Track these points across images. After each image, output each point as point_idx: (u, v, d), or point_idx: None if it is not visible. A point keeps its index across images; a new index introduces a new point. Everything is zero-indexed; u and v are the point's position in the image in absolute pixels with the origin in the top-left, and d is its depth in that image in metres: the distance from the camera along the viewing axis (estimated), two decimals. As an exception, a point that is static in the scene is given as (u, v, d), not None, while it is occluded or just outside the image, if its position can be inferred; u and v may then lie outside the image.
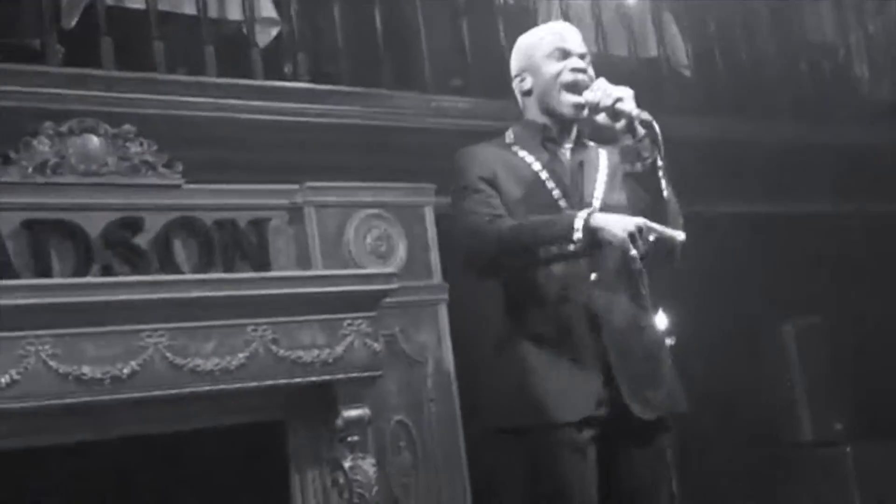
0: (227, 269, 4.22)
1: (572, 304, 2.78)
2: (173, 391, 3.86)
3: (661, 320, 4.78)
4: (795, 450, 5.61)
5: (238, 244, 4.29)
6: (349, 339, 4.21)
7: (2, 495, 3.69)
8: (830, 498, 5.43)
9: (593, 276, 2.78)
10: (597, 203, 2.85)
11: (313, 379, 4.14)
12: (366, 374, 4.24)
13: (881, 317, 6.00)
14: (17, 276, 3.79)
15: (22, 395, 3.56)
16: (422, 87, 5.06)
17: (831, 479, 5.45)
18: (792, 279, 5.90)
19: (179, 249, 4.18)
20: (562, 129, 2.95)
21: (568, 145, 2.95)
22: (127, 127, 4.12)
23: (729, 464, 5.36)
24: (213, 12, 4.68)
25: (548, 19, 5.62)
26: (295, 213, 4.45)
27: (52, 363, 3.61)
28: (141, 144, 4.15)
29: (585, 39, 5.62)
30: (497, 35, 5.29)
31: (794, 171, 6.08)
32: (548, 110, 2.93)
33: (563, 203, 2.82)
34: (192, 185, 4.24)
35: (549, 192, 2.85)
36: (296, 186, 4.45)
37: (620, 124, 2.79)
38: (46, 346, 3.61)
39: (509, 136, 2.97)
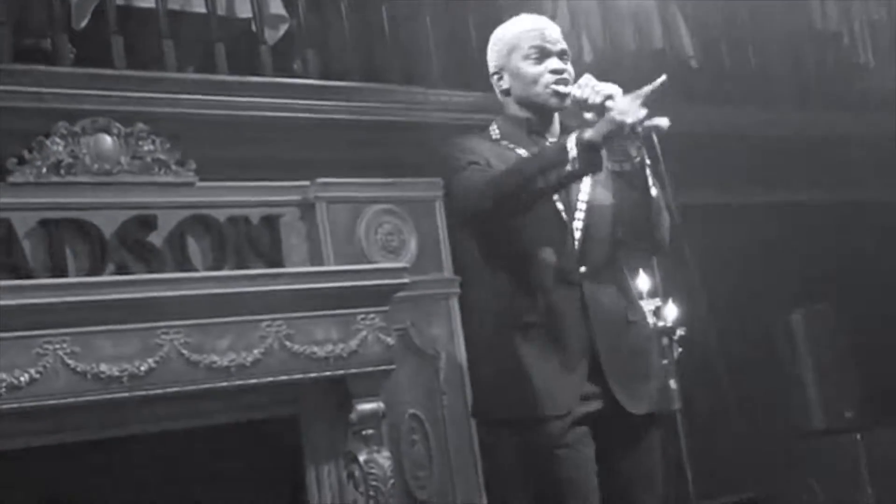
0: (241, 266, 4.25)
1: (562, 295, 2.74)
2: (189, 388, 3.89)
3: (670, 311, 4.83)
4: (806, 438, 5.63)
5: (251, 241, 4.32)
6: (362, 333, 4.24)
7: (22, 493, 3.72)
8: (842, 486, 5.45)
9: (582, 268, 2.77)
10: (583, 201, 2.82)
11: (327, 374, 4.17)
12: (379, 368, 4.28)
13: (890, 304, 6.02)
14: (33, 276, 3.83)
15: (40, 394, 3.59)
16: (430, 82, 5.08)
17: (842, 467, 5.47)
18: (800, 268, 5.92)
19: (193, 247, 4.21)
20: (544, 121, 2.89)
21: (552, 138, 2.87)
22: (139, 126, 4.15)
23: (739, 453, 5.37)
24: (222, 10, 4.69)
25: (554, 13, 5.64)
26: (306, 209, 4.48)
27: (70, 361, 3.64)
28: (153, 143, 4.18)
29: (592, 32, 5.78)
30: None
31: (800, 160, 6.10)
32: (529, 105, 2.87)
33: (555, 194, 2.79)
34: (204, 183, 4.27)
35: None
36: (307, 183, 4.47)
37: None
38: (64, 345, 3.64)
39: (494, 131, 2.91)
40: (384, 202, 4.60)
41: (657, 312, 4.80)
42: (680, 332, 4.82)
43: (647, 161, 2.73)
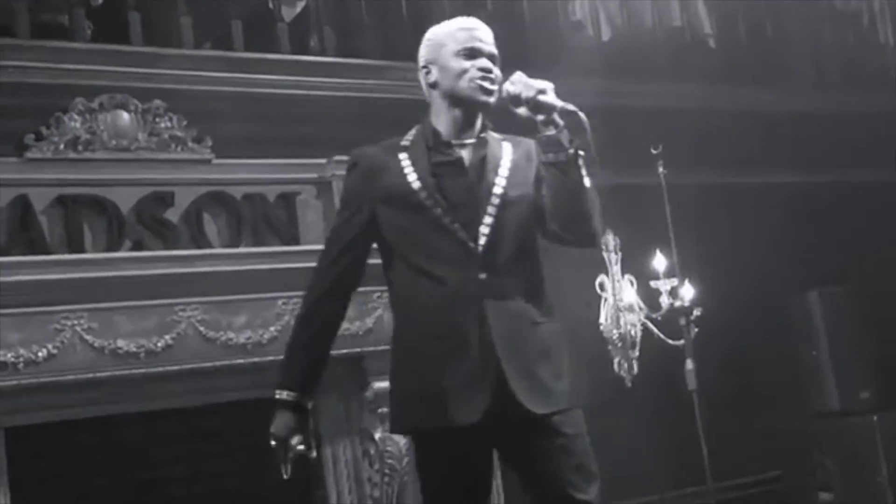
0: (257, 243, 4.26)
1: (460, 304, 2.74)
2: (206, 364, 3.91)
3: (687, 291, 4.82)
4: (822, 419, 5.62)
5: (267, 218, 4.33)
6: (378, 311, 4.24)
7: (39, 467, 3.75)
8: (858, 466, 5.44)
9: (482, 275, 2.79)
10: (494, 204, 2.84)
11: (343, 351, 4.16)
12: (394, 345, 4.27)
13: (906, 285, 6.00)
14: (50, 252, 3.84)
15: (58, 369, 3.62)
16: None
17: (858, 448, 5.46)
18: (817, 249, 5.90)
19: (210, 224, 4.21)
20: (465, 120, 2.86)
21: (469, 140, 2.86)
22: (157, 102, 4.16)
23: (755, 434, 5.37)
24: (239, -13, 4.69)
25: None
26: (323, 187, 4.47)
27: (88, 337, 3.66)
28: (170, 120, 4.19)
29: (611, 11, 5.75)
30: (522, 7, 5.29)
31: (818, 139, 6.06)
32: (453, 99, 2.85)
33: (437, 210, 2.78)
34: (221, 160, 4.27)
35: (429, 207, 2.77)
36: (323, 160, 4.47)
37: (541, 116, 2.73)
38: (82, 321, 3.67)
39: (408, 137, 2.91)
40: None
41: (673, 293, 4.79)
42: (696, 312, 4.80)
43: (581, 150, 2.75)
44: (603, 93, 4.71)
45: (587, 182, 2.75)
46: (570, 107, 2.73)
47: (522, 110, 2.75)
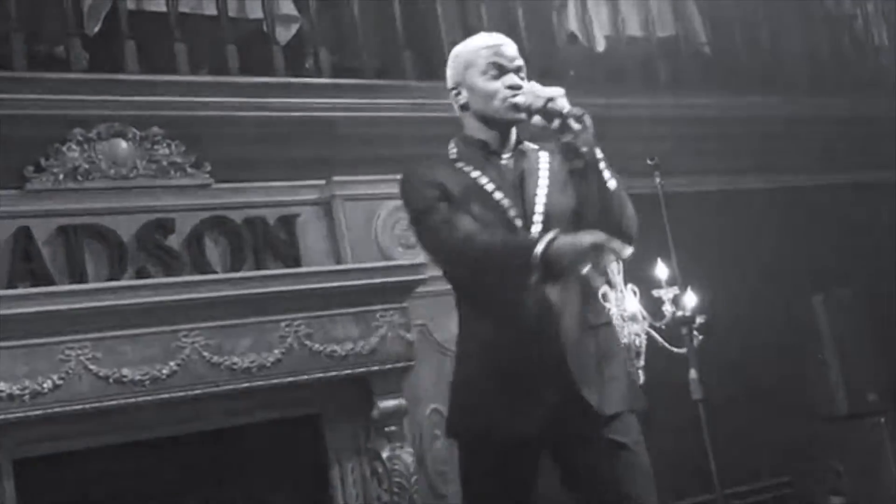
0: (259, 267, 4.27)
1: (526, 308, 2.74)
2: (211, 389, 3.92)
3: (690, 299, 4.82)
4: (830, 422, 5.61)
5: (268, 241, 4.34)
6: (382, 330, 4.25)
7: (49, 498, 3.75)
8: (866, 468, 5.43)
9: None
10: (540, 210, 2.85)
11: (348, 372, 4.19)
12: (400, 364, 4.29)
13: (911, 286, 6.00)
14: (53, 283, 3.85)
15: (64, 399, 3.63)
16: (443, 76, 5.06)
17: (866, 450, 5.45)
18: (821, 252, 5.90)
19: (211, 249, 4.23)
20: (501, 138, 2.90)
21: (507, 154, 2.90)
22: (154, 129, 4.17)
23: (764, 438, 5.37)
24: (233, 12, 4.69)
25: (564, 4, 5.64)
26: (323, 208, 4.49)
27: (93, 367, 3.67)
28: (168, 146, 4.20)
29: (604, 21, 5.76)
30: (516, 21, 5.30)
31: (816, 144, 6.07)
32: (486, 120, 2.88)
33: (513, 212, 2.83)
34: (220, 185, 4.29)
35: (497, 201, 2.81)
36: (323, 181, 4.49)
37: (555, 124, 2.75)
38: (86, 350, 3.67)
39: (452, 151, 2.91)
40: (401, 199, 4.60)
41: (676, 301, 4.78)
42: (699, 320, 4.80)
43: (600, 155, 2.76)
44: (598, 103, 4.72)
45: (612, 184, 2.78)
46: (577, 110, 2.74)
47: (537, 119, 2.78)
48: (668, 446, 5.02)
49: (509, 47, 2.91)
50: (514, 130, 2.92)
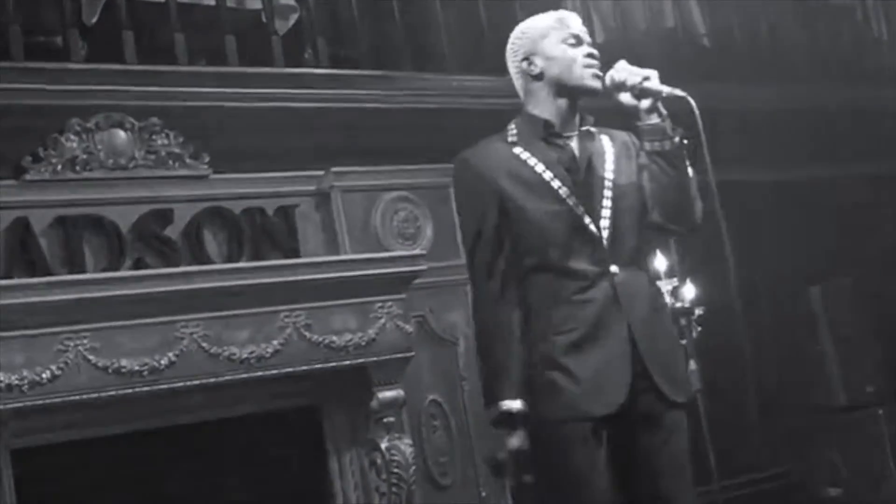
0: (257, 257, 4.26)
1: (596, 296, 2.74)
2: (210, 380, 3.91)
3: (689, 291, 4.82)
4: (828, 414, 5.62)
5: (267, 232, 4.33)
6: (381, 321, 4.25)
7: (48, 488, 3.75)
8: (865, 461, 5.44)
9: (613, 267, 2.79)
10: (608, 197, 2.82)
11: (347, 363, 4.18)
12: (398, 355, 4.29)
13: (909, 277, 6.00)
14: (51, 273, 3.84)
15: (63, 390, 3.62)
16: (441, 67, 5.07)
17: (865, 442, 5.46)
18: (818, 243, 5.90)
19: (209, 239, 4.22)
20: (569, 112, 2.87)
21: (572, 133, 2.87)
22: (153, 120, 4.17)
23: (762, 431, 5.37)
24: (231, 1, 4.69)
25: (565, -7, 5.63)
26: (322, 199, 4.49)
27: (91, 357, 3.66)
28: (167, 137, 4.20)
29: (603, 12, 5.75)
30: (514, 12, 5.28)
31: (815, 135, 6.07)
32: (562, 89, 2.84)
33: (571, 201, 2.79)
34: (219, 175, 4.28)
35: (556, 191, 2.78)
36: (321, 172, 4.48)
37: (644, 103, 2.75)
38: (84, 341, 3.66)
39: (512, 132, 2.89)
40: (399, 189, 4.61)
41: (675, 293, 4.79)
42: (698, 311, 4.80)
43: (685, 139, 2.75)
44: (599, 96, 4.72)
45: (691, 171, 2.78)
46: (679, 92, 2.74)
47: (626, 97, 2.78)
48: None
49: (579, 21, 2.93)
50: (578, 113, 2.89)
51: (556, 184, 2.79)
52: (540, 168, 2.81)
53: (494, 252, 2.79)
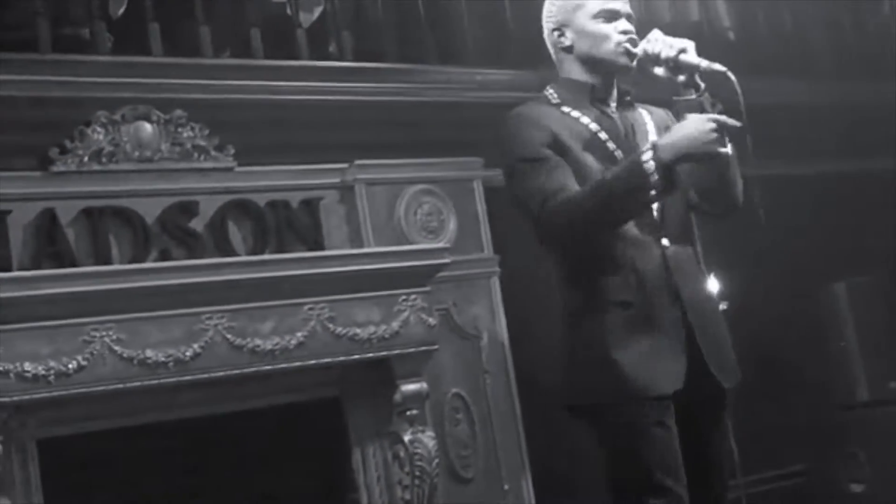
0: (281, 250, 4.28)
1: (650, 269, 2.62)
2: (234, 371, 3.93)
3: (713, 285, 4.80)
4: (851, 410, 5.59)
5: (291, 224, 4.35)
6: (404, 314, 4.25)
7: (73, 478, 3.77)
8: (887, 457, 5.41)
9: (664, 241, 2.66)
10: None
11: (370, 355, 4.19)
12: (422, 348, 4.29)
13: (935, 273, 5.96)
14: (77, 264, 3.86)
15: (88, 381, 3.64)
16: (465, 60, 5.07)
17: (888, 438, 5.43)
18: (843, 239, 5.87)
19: (234, 232, 4.24)
20: (606, 84, 2.76)
21: (613, 103, 2.77)
22: (178, 112, 4.18)
23: (785, 427, 5.35)
24: (256, -6, 4.70)
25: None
26: (346, 192, 4.50)
27: (117, 348, 3.68)
28: (192, 129, 4.21)
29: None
30: (538, 5, 5.27)
31: (841, 130, 6.03)
32: (592, 64, 2.73)
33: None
34: (243, 168, 4.30)
35: (611, 151, 2.66)
36: (345, 165, 4.49)
37: (682, 77, 2.60)
38: (110, 332, 3.68)
39: (553, 96, 2.76)
40: (423, 182, 4.62)
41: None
42: (722, 306, 4.78)
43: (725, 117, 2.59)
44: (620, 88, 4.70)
45: (730, 148, 2.60)
46: (718, 66, 2.60)
47: (661, 71, 2.64)
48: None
49: None
50: (615, 84, 2.78)
51: (611, 145, 2.69)
52: (595, 127, 2.70)
53: (550, 172, 2.60)
